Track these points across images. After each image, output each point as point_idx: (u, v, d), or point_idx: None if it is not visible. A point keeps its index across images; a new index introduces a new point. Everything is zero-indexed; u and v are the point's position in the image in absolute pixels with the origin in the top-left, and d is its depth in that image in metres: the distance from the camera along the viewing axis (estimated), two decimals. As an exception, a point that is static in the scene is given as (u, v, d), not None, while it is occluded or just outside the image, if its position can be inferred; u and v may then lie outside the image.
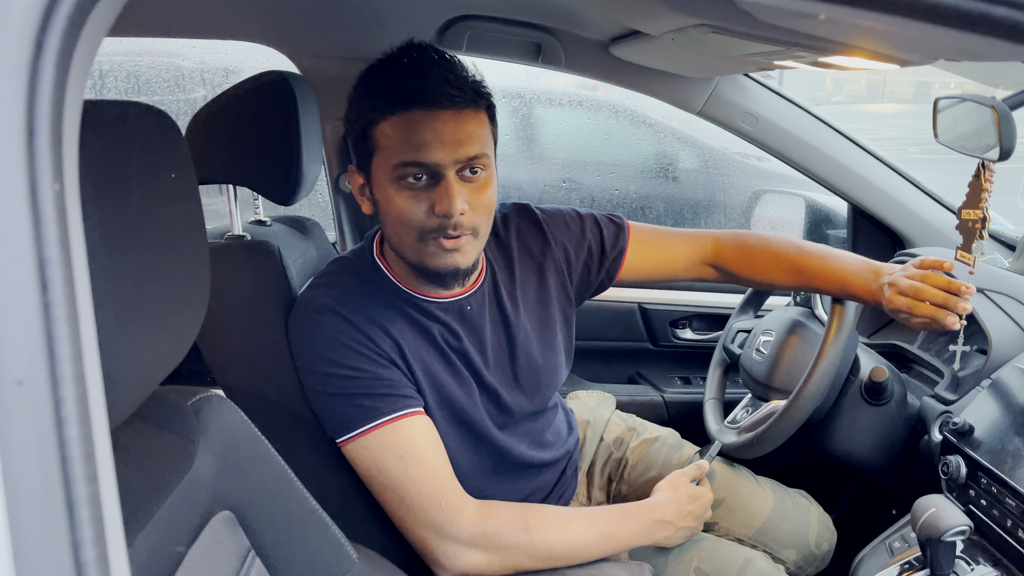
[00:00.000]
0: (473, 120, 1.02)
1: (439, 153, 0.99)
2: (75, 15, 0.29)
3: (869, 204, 1.69)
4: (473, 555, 1.09)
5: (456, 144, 0.99)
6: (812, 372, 1.26)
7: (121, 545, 0.36)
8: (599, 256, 1.29)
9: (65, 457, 0.30)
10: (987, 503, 1.11)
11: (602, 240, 1.30)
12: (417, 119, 0.99)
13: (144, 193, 0.55)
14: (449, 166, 1.00)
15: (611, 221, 1.32)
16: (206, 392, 0.75)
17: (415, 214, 1.02)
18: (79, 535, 0.32)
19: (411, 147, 0.99)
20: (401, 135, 0.99)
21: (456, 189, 1.00)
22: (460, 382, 1.16)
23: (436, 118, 0.99)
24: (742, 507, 1.38)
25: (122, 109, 0.55)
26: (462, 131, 1.00)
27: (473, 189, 1.03)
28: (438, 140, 0.99)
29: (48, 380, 0.30)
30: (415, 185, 1.01)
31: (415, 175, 1.00)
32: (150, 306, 0.55)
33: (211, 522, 0.70)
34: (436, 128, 0.99)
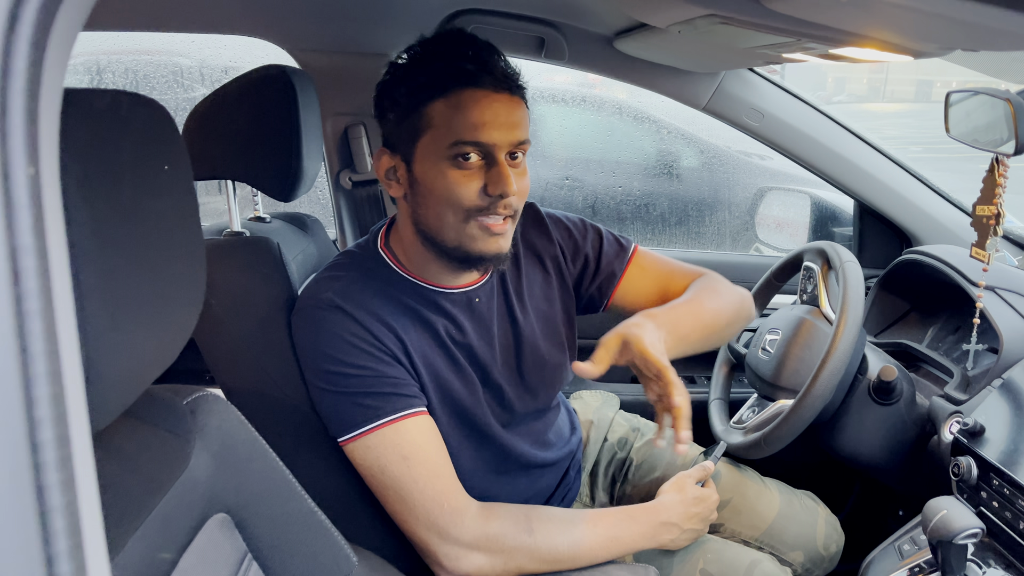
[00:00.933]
0: (521, 106, 1.04)
1: (495, 134, 1.00)
2: (42, 14, 0.27)
3: (876, 201, 1.67)
4: (475, 557, 1.07)
5: (510, 127, 1.01)
6: (820, 371, 1.24)
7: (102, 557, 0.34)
8: (594, 268, 1.28)
9: (38, 463, 0.29)
10: (999, 505, 1.10)
11: (600, 253, 1.28)
12: (477, 99, 0.99)
13: (136, 185, 0.53)
14: (503, 147, 1.01)
15: (616, 240, 1.31)
16: (202, 391, 0.74)
17: (466, 193, 1.01)
18: (53, 547, 0.29)
19: (468, 126, 0.99)
20: (457, 114, 0.99)
21: (508, 170, 1.01)
22: (463, 379, 1.14)
23: (493, 100, 1.00)
24: (748, 508, 1.36)
25: (113, 98, 0.54)
26: (515, 115, 1.02)
27: (517, 174, 1.04)
28: (495, 121, 1.00)
29: (20, 379, 0.28)
30: (466, 165, 1.01)
31: (466, 155, 1.00)
32: (143, 302, 0.53)
33: (207, 524, 0.68)
34: (494, 109, 1.00)
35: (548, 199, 2.22)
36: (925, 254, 1.48)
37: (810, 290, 1.43)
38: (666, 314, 1.13)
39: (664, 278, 1.32)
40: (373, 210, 1.72)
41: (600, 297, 1.30)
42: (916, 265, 1.51)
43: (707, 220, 2.14)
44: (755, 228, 2.07)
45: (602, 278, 1.29)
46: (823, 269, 1.41)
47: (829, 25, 0.67)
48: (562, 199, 2.24)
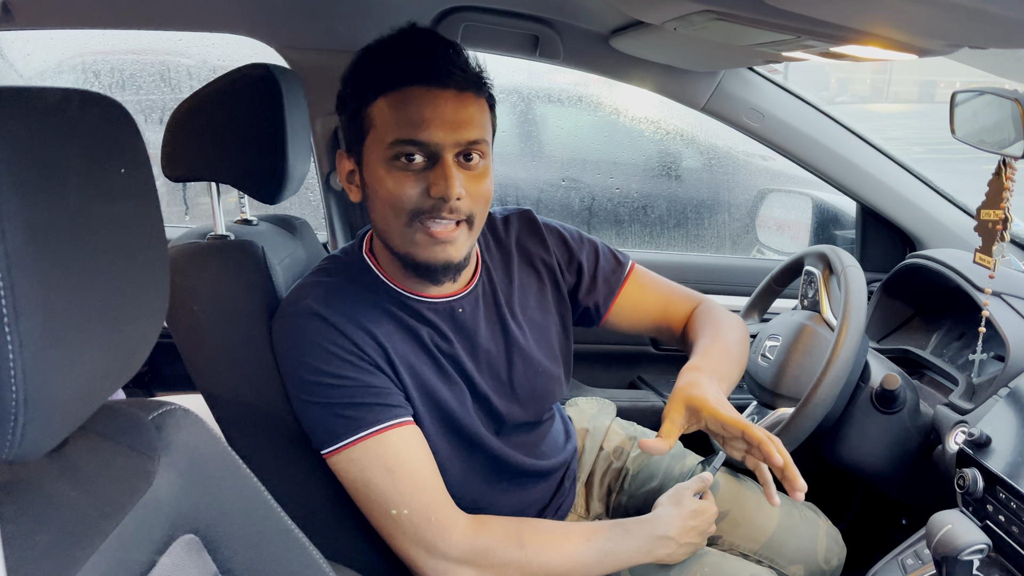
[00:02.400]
0: (474, 104, 0.98)
1: (438, 132, 0.95)
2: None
3: (879, 204, 1.64)
4: (464, 572, 1.04)
5: (456, 125, 0.95)
6: (822, 378, 1.20)
7: None
8: (589, 281, 1.25)
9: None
10: (1005, 519, 1.06)
11: (596, 267, 1.25)
12: (416, 95, 0.95)
13: (85, 189, 0.49)
14: (448, 148, 0.96)
15: (613, 255, 1.28)
16: (170, 405, 0.70)
17: (408, 195, 0.97)
18: None
19: (408, 125, 0.95)
20: (398, 112, 0.95)
21: (454, 171, 0.96)
22: (451, 387, 1.11)
23: (437, 96, 0.95)
24: (747, 520, 1.32)
25: (64, 95, 0.50)
26: (463, 113, 0.96)
27: (471, 177, 0.99)
28: (438, 119, 0.94)
29: None
30: (410, 166, 0.97)
31: (410, 155, 0.96)
32: (93, 315, 0.50)
33: (172, 547, 0.64)
34: (436, 106, 0.95)
35: (544, 200, 2.19)
36: (929, 258, 1.45)
37: (811, 295, 1.39)
38: (708, 362, 1.11)
39: (663, 300, 1.30)
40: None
41: (596, 312, 1.27)
42: (920, 270, 1.47)
43: (706, 222, 2.10)
44: (755, 230, 2.03)
45: (598, 293, 1.26)
46: (825, 274, 1.37)
47: (830, 21, 0.64)
48: (560, 200, 2.20)
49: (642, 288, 1.29)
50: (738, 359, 1.20)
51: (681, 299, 1.31)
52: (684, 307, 1.30)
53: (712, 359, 1.12)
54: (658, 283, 1.31)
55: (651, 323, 1.31)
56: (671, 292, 1.31)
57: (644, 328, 1.32)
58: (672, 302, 1.30)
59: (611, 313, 1.27)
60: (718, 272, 1.88)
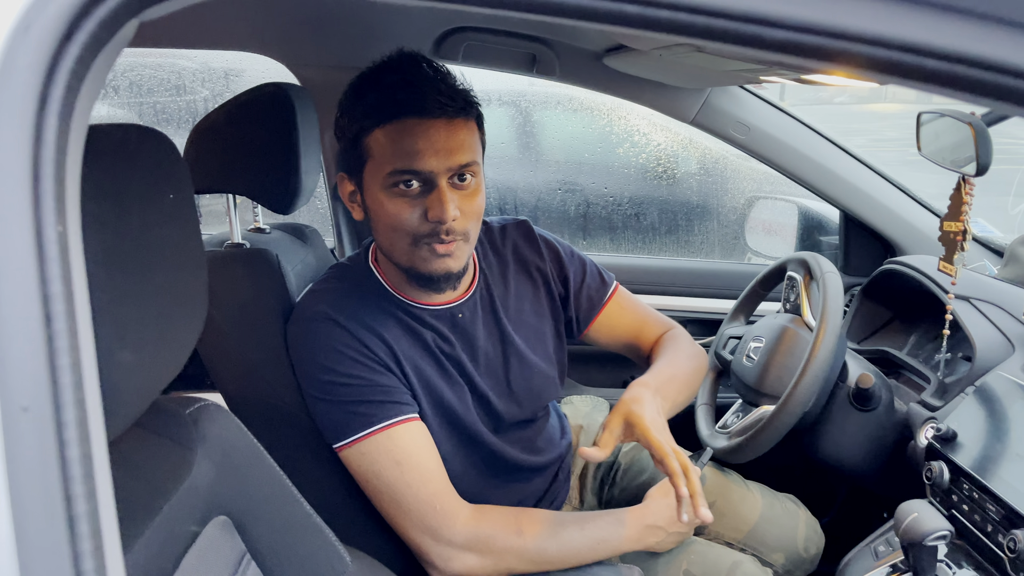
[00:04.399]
0: (464, 129, 1.04)
1: (432, 161, 1.01)
2: (77, 69, 0.32)
3: (860, 211, 1.71)
4: (467, 558, 1.11)
5: (448, 152, 1.02)
6: (800, 377, 1.28)
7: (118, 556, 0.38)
8: (575, 295, 1.33)
9: (66, 476, 0.33)
10: (969, 508, 1.14)
11: (583, 282, 1.33)
12: (410, 127, 1.01)
13: (144, 214, 0.57)
14: (441, 174, 1.03)
15: (599, 274, 1.36)
16: (204, 402, 0.78)
17: (408, 220, 1.04)
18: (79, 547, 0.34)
19: (404, 155, 1.01)
20: (394, 143, 1.02)
21: (448, 196, 1.03)
22: (453, 387, 1.18)
23: (429, 127, 1.01)
24: (732, 511, 1.40)
25: (123, 134, 0.58)
26: (454, 140, 1.03)
27: (464, 196, 1.06)
28: (431, 148, 1.01)
29: (51, 406, 0.33)
30: (408, 192, 1.04)
31: (407, 182, 1.03)
32: (150, 320, 0.58)
33: (208, 526, 0.72)
34: (429, 136, 1.01)
35: (540, 206, 2.27)
36: (904, 264, 1.53)
37: (793, 299, 1.47)
38: (658, 380, 1.19)
39: (639, 323, 1.39)
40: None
41: (577, 325, 1.36)
42: (896, 274, 1.55)
43: (696, 228, 2.18)
44: (745, 236, 2.11)
45: (581, 307, 1.34)
46: (805, 279, 1.45)
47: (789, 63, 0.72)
48: (556, 206, 2.28)
49: (622, 309, 1.38)
50: (687, 385, 1.28)
51: (655, 324, 1.40)
52: (656, 331, 1.39)
53: (662, 379, 1.20)
54: (637, 306, 1.40)
55: (625, 342, 1.40)
56: (647, 316, 1.40)
57: (617, 346, 1.41)
58: (647, 325, 1.39)
59: (591, 328, 1.36)
60: (708, 276, 1.96)
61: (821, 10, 0.31)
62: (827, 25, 0.32)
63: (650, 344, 1.38)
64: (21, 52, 0.31)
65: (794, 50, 0.34)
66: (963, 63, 0.31)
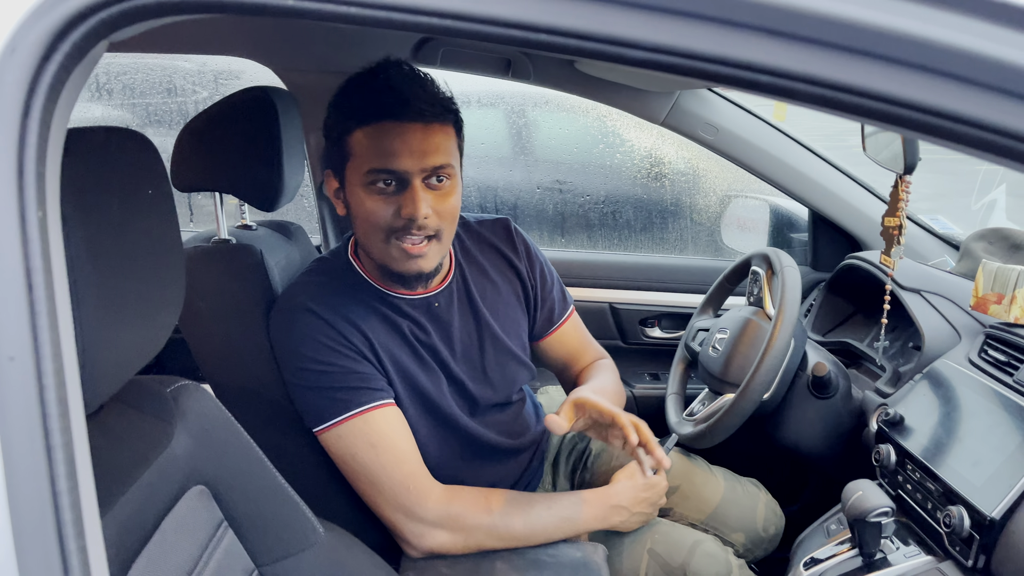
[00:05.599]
0: (440, 133, 1.11)
1: (407, 161, 1.08)
2: (55, 83, 0.39)
3: (826, 209, 1.78)
4: (439, 534, 1.18)
5: (422, 154, 1.09)
6: (759, 365, 1.34)
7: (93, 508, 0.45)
8: (540, 301, 1.41)
9: (45, 414, 0.40)
10: (912, 487, 1.20)
11: (549, 294, 1.42)
12: (388, 130, 1.08)
13: (124, 207, 0.64)
14: (416, 174, 1.10)
15: (563, 292, 1.46)
16: (184, 382, 0.85)
17: (382, 216, 1.11)
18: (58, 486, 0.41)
19: (382, 155, 1.09)
20: (373, 144, 1.09)
21: (421, 195, 1.10)
22: (428, 373, 1.25)
23: (405, 130, 1.08)
24: (695, 494, 1.47)
25: (105, 135, 0.65)
26: (429, 143, 1.09)
27: (438, 196, 1.13)
28: (407, 150, 1.08)
29: (33, 357, 0.39)
30: (384, 190, 1.11)
31: (384, 180, 1.10)
32: (129, 303, 0.65)
33: (187, 494, 0.79)
34: (405, 139, 1.08)
35: (521, 206, 2.34)
36: (863, 259, 1.59)
37: (756, 292, 1.54)
38: (593, 389, 1.29)
39: (581, 346, 1.49)
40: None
41: (531, 333, 1.43)
42: (857, 269, 1.62)
43: (670, 225, 2.25)
44: (720, 233, 2.18)
45: (542, 316, 1.42)
46: (767, 273, 1.51)
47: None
48: (538, 205, 2.34)
49: (575, 330, 1.48)
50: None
51: (593, 351, 1.51)
52: (591, 358, 1.50)
53: (596, 391, 1.28)
54: (583, 332, 1.51)
55: (563, 360, 1.50)
56: (587, 343, 1.51)
57: (555, 363, 1.52)
58: (587, 351, 1.50)
59: (543, 340, 1.45)
60: (682, 273, 2.03)
61: (666, 33, 0.38)
62: (669, 46, 0.38)
63: (583, 367, 1.49)
64: (8, 70, 0.38)
65: (654, 67, 0.41)
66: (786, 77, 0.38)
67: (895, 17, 0.34)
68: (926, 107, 0.35)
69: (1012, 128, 0.37)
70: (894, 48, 0.34)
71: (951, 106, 0.35)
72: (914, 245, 1.76)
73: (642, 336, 2.00)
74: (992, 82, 0.36)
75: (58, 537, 0.46)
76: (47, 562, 0.46)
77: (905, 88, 0.35)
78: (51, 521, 0.46)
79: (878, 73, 0.35)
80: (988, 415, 1.15)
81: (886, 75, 0.35)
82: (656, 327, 2.01)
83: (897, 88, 0.35)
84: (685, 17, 0.37)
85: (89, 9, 0.42)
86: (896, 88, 0.35)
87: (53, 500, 0.45)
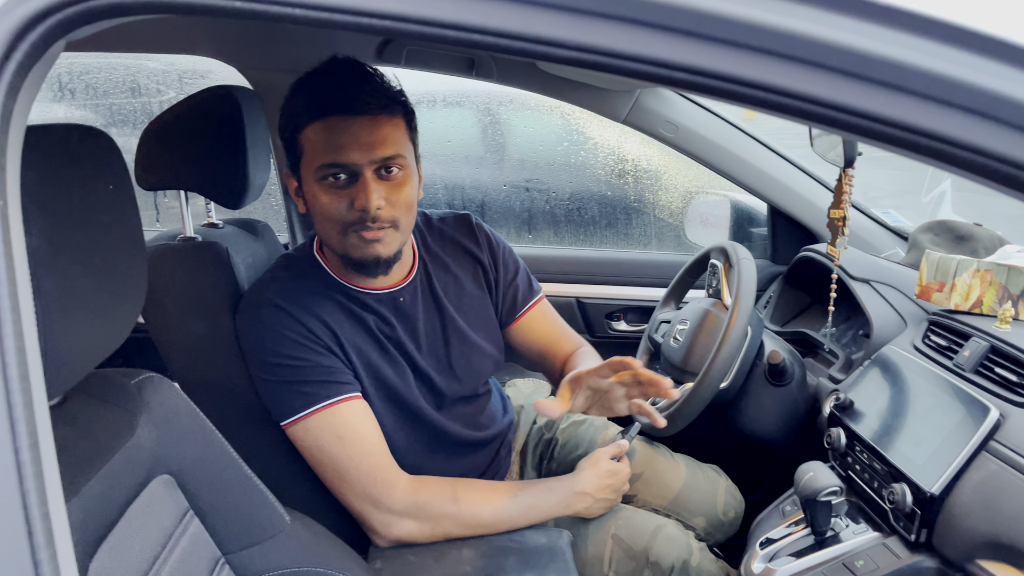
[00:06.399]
0: (388, 124, 1.13)
1: (355, 154, 1.11)
2: (14, 81, 0.41)
3: (783, 203, 1.83)
4: (406, 524, 1.21)
5: (370, 146, 1.11)
6: (716, 354, 1.38)
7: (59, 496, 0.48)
8: (504, 289, 1.43)
9: (6, 375, 0.42)
10: (861, 468, 1.26)
11: (512, 281, 1.44)
12: (335, 124, 1.11)
13: (85, 203, 0.66)
14: (366, 166, 1.12)
15: (529, 280, 1.47)
16: (149, 374, 0.87)
17: (337, 209, 1.14)
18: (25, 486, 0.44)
19: (331, 149, 1.11)
20: (322, 139, 1.12)
21: (373, 187, 1.12)
22: (394, 367, 1.27)
23: (353, 123, 1.11)
24: (658, 480, 1.51)
25: (65, 132, 0.67)
26: (377, 134, 1.12)
27: (391, 187, 1.15)
28: (355, 143, 1.11)
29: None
30: (336, 184, 1.13)
31: (336, 175, 1.13)
32: (90, 296, 0.67)
33: (152, 483, 0.81)
34: (353, 132, 1.11)
35: (488, 203, 2.37)
36: (817, 251, 1.65)
37: (715, 285, 1.58)
38: None
39: (555, 335, 1.50)
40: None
41: (500, 321, 1.45)
42: (812, 261, 1.67)
43: (634, 221, 2.29)
44: (684, 229, 2.23)
45: (507, 303, 1.44)
46: (725, 266, 1.56)
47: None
48: (503, 202, 2.38)
49: (544, 317, 1.48)
50: None
51: (570, 339, 1.51)
52: (570, 347, 1.50)
53: None
54: (556, 319, 1.51)
55: (539, 350, 1.50)
56: (564, 331, 1.51)
57: (532, 353, 1.51)
58: (563, 339, 1.50)
59: (511, 328, 1.46)
60: (645, 267, 2.07)
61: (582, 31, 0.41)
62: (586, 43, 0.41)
63: (563, 358, 1.49)
64: (-32, 69, 0.40)
65: (578, 64, 0.44)
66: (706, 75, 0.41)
67: (787, 18, 0.37)
68: (818, 99, 0.38)
69: (904, 120, 0.40)
70: (789, 46, 0.38)
71: (844, 100, 0.39)
72: (867, 238, 1.81)
73: (608, 329, 2.04)
74: (884, 79, 0.39)
75: (25, 522, 0.48)
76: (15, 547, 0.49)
77: (802, 83, 0.39)
78: (18, 507, 0.48)
79: (776, 69, 0.38)
80: (930, 397, 1.20)
81: (782, 71, 0.38)
82: (622, 320, 2.05)
83: (792, 83, 0.38)
84: (604, 18, 0.40)
85: (47, 10, 0.44)
86: (791, 82, 0.38)
87: (20, 486, 0.48)
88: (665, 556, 1.30)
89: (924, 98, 0.40)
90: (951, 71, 0.38)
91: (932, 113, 0.41)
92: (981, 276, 1.22)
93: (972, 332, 1.23)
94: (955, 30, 0.39)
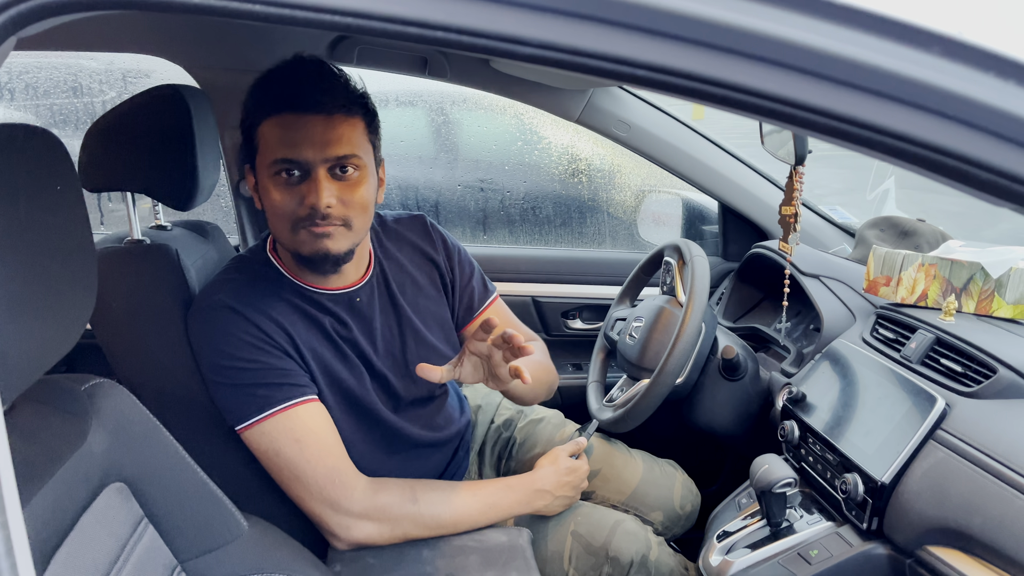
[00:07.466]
0: (344, 124, 1.12)
1: (308, 151, 1.10)
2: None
3: (734, 201, 1.87)
4: (366, 526, 1.20)
5: (324, 144, 1.10)
6: (671, 351, 1.40)
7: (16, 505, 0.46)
8: (460, 290, 1.43)
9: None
10: (814, 459, 1.29)
11: (468, 283, 1.44)
12: (290, 121, 1.10)
13: (31, 204, 0.64)
14: (318, 164, 1.11)
15: (483, 280, 1.47)
16: (99, 379, 0.84)
17: (288, 205, 1.13)
18: None
19: (284, 145, 1.10)
20: (276, 135, 1.11)
21: (324, 184, 1.11)
22: (350, 369, 1.26)
23: (307, 121, 1.10)
24: (616, 476, 1.52)
25: (10, 132, 0.65)
26: (331, 133, 1.11)
27: (344, 186, 1.14)
28: (308, 140, 1.10)
29: None
30: (289, 180, 1.12)
31: (288, 171, 1.12)
32: (38, 299, 0.64)
33: (105, 491, 0.79)
34: (307, 129, 1.10)
35: (443, 203, 2.36)
36: (767, 248, 1.68)
37: (669, 282, 1.60)
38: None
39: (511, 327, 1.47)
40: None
41: (456, 322, 1.45)
42: (762, 257, 1.71)
43: (588, 220, 2.31)
44: (636, 227, 2.26)
45: (463, 304, 1.44)
46: (679, 263, 1.58)
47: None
48: (458, 201, 2.37)
49: (497, 317, 1.45)
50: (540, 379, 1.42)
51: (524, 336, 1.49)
52: None
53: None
54: (511, 318, 1.53)
55: None
56: (518, 329, 1.51)
57: None
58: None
59: (467, 329, 1.46)
60: (600, 265, 2.09)
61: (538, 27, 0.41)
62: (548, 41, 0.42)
63: None
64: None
65: (542, 62, 0.44)
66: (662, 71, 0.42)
67: (747, 17, 0.38)
68: (777, 96, 0.39)
69: (854, 116, 0.42)
70: (744, 43, 0.39)
71: (802, 97, 0.40)
72: (816, 234, 1.86)
73: (564, 328, 2.05)
74: (835, 75, 0.41)
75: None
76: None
77: (763, 81, 0.40)
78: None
79: (736, 67, 0.39)
80: (879, 388, 1.23)
81: (742, 68, 0.39)
82: (577, 319, 2.07)
83: (752, 80, 0.39)
84: (568, 16, 0.40)
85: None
86: (752, 80, 0.39)
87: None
88: (624, 551, 1.31)
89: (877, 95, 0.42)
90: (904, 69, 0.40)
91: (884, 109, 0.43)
92: (926, 270, 1.26)
93: (918, 325, 1.27)
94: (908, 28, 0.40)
